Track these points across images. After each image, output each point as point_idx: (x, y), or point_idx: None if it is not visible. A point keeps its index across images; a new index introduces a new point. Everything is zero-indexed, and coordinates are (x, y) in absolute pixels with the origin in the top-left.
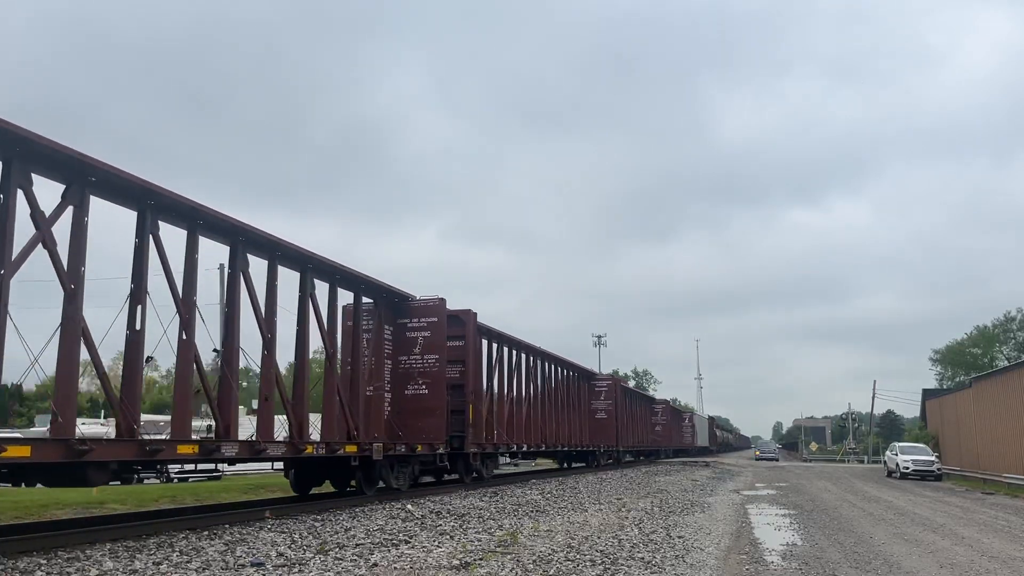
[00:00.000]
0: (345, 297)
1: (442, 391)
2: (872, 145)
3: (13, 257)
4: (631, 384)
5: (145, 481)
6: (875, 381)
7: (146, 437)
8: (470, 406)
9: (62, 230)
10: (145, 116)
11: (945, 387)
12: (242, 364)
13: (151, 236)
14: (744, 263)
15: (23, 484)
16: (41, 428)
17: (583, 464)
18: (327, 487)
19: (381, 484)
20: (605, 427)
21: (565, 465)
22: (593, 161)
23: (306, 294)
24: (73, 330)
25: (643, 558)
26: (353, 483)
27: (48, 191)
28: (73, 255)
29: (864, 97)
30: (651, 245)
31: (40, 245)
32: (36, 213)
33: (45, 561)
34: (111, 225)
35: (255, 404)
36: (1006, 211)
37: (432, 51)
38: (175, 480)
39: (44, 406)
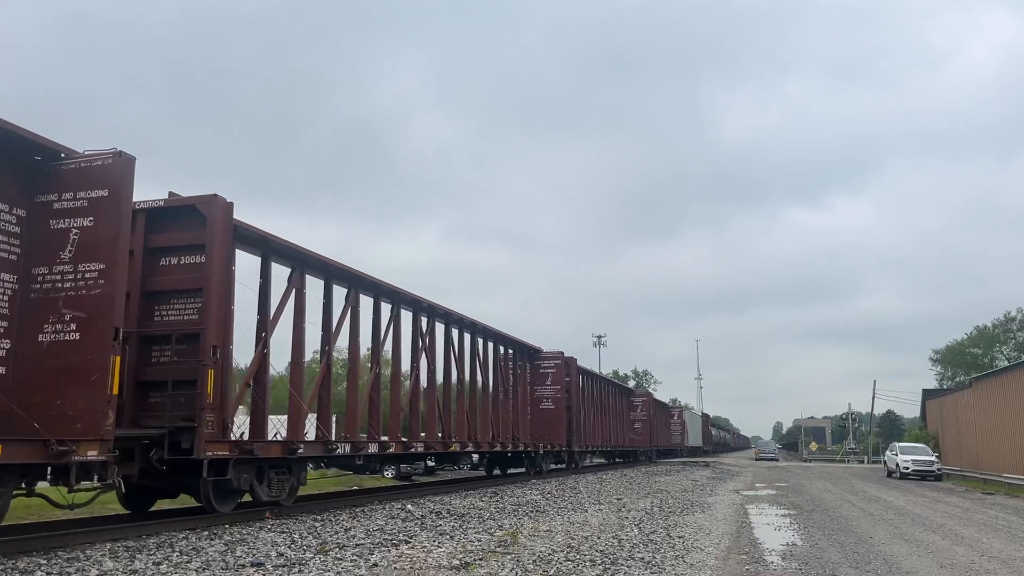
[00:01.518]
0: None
1: (106, 333)
2: (874, 145)
3: None
4: (631, 384)
5: None
6: (875, 381)
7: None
8: (209, 370)
9: None
10: (145, 114)
11: (945, 387)
12: None
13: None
14: (745, 263)
15: None
16: None
17: (520, 470)
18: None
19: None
20: (551, 421)
21: (495, 472)
22: (594, 160)
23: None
24: None
25: (643, 558)
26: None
27: None
28: None
29: (866, 97)
30: (652, 245)
31: None
32: None
33: (45, 561)
34: None
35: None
36: (1008, 211)
37: (432, 49)
38: None
39: None
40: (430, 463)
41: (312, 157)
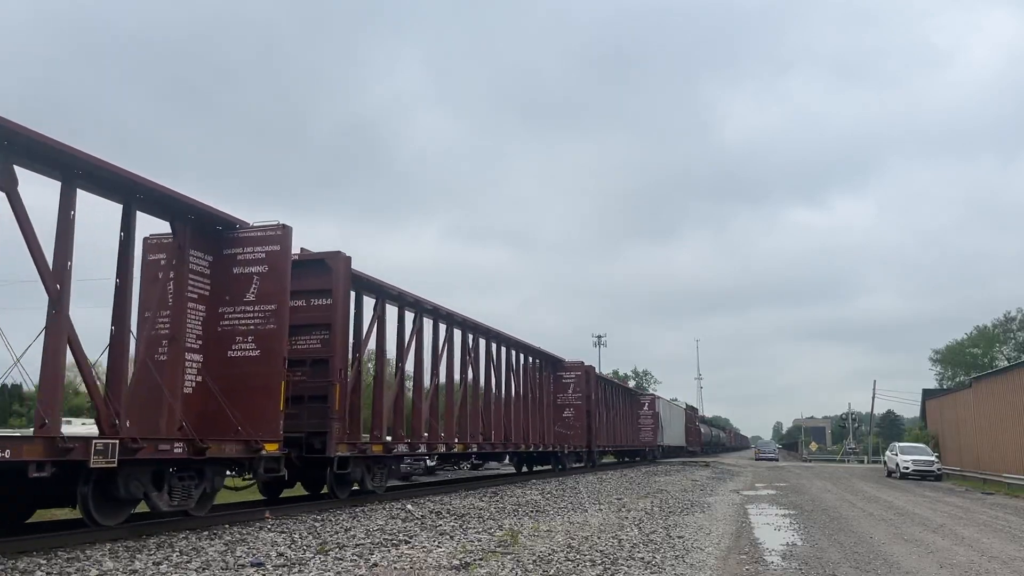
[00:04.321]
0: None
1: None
2: (874, 145)
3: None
4: (631, 384)
5: None
6: (875, 381)
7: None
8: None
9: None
10: (144, 112)
11: (945, 387)
12: None
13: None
14: (745, 262)
15: None
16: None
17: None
18: None
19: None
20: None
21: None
22: (595, 159)
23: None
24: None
25: (643, 558)
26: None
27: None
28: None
29: (867, 96)
30: (652, 244)
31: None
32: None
33: (45, 561)
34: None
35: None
36: (1009, 211)
37: (431, 47)
38: None
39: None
40: (430, 463)
41: (312, 155)
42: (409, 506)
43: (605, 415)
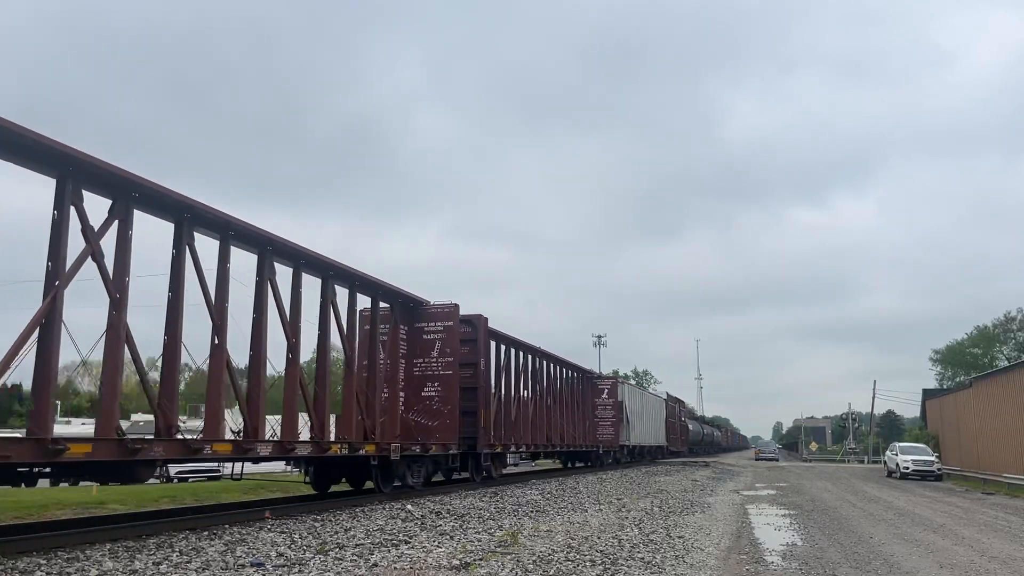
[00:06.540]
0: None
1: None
2: (877, 144)
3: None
4: (631, 383)
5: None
6: (875, 381)
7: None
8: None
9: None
10: (143, 110)
11: (945, 387)
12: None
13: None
14: (747, 262)
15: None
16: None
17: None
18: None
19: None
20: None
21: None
22: (596, 157)
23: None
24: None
25: (643, 558)
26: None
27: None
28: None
29: (871, 96)
30: (654, 243)
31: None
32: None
33: (45, 561)
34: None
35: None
36: (1011, 211)
37: (432, 46)
38: (175, 480)
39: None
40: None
41: (312, 155)
42: (409, 506)
43: (520, 401)
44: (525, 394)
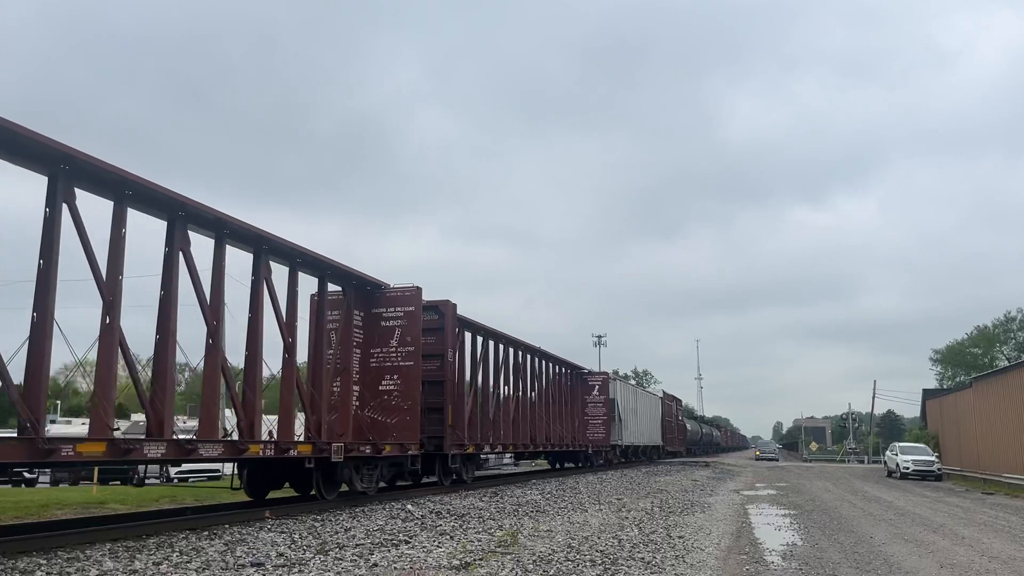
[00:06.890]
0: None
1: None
2: (878, 144)
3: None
4: (625, 380)
5: (146, 481)
6: (875, 381)
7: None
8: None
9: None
10: (143, 110)
11: (945, 387)
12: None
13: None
14: (748, 262)
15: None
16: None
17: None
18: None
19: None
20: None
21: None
22: (596, 157)
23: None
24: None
25: (643, 558)
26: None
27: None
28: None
29: (872, 96)
30: (654, 243)
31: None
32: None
33: (45, 561)
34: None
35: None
36: (1013, 211)
37: (432, 45)
38: (175, 481)
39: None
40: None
41: (311, 154)
42: (409, 506)
43: (500, 397)
44: (506, 390)
